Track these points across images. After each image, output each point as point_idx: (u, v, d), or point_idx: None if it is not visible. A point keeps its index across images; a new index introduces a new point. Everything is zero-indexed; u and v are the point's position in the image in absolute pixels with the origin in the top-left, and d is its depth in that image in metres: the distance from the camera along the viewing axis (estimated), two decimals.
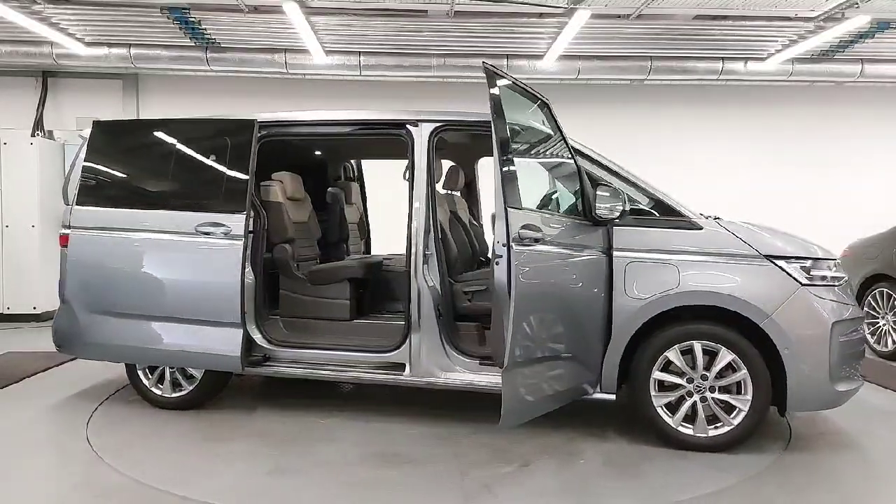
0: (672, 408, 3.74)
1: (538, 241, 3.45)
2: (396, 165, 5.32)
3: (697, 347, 3.67)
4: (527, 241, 3.39)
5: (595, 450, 3.74)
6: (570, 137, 3.92)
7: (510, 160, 3.40)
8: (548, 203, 3.95)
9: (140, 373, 4.46)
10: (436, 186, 4.25)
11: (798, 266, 3.66)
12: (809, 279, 3.65)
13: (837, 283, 3.75)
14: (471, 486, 3.24)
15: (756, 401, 3.61)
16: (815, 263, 3.70)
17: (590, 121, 7.67)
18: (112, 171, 4.62)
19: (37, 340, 6.54)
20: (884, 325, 6.35)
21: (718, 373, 3.66)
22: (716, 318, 3.68)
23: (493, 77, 3.46)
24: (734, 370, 3.64)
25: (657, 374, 3.73)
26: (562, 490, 3.22)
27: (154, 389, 4.45)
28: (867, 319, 6.34)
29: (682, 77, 8.97)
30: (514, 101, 3.69)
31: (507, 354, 3.26)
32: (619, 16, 7.49)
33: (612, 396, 3.85)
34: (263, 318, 4.42)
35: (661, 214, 3.89)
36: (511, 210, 3.32)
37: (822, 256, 3.76)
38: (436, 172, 4.30)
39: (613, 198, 3.67)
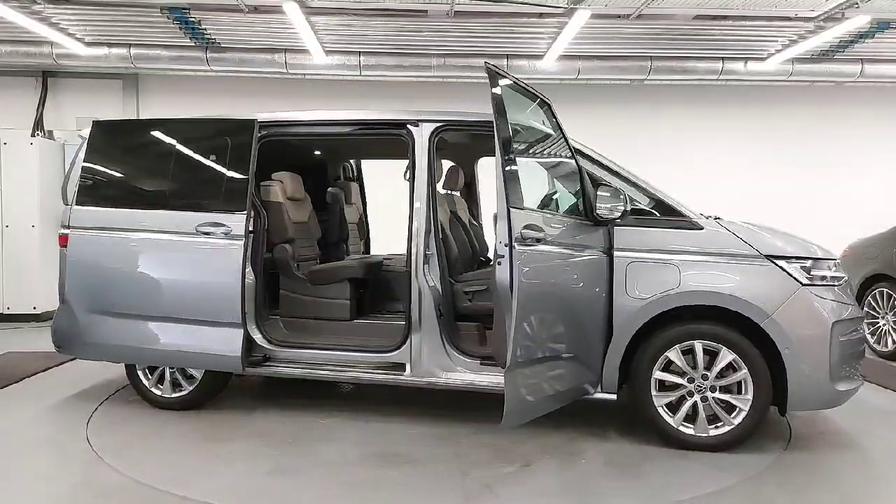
0: (673, 407, 3.74)
1: (540, 241, 3.45)
2: (396, 165, 5.31)
3: (698, 347, 3.67)
4: (529, 241, 3.38)
5: (596, 450, 3.74)
6: (571, 137, 3.92)
7: (512, 160, 3.40)
8: (549, 203, 3.95)
9: (140, 373, 4.46)
10: (436, 186, 4.25)
11: (798, 266, 3.67)
12: (810, 279, 3.65)
13: (837, 283, 3.75)
14: (472, 486, 3.24)
15: (757, 400, 3.62)
16: (816, 263, 3.71)
17: (590, 121, 7.65)
18: (112, 171, 4.62)
19: (37, 340, 6.53)
20: (884, 325, 6.35)
21: (719, 373, 3.67)
22: (716, 318, 3.68)
23: (496, 77, 3.46)
24: (735, 370, 3.65)
25: (658, 374, 3.73)
26: (563, 490, 3.22)
27: (154, 390, 4.45)
28: (867, 319, 6.35)
29: (682, 77, 8.96)
30: (516, 101, 3.69)
31: (510, 354, 3.25)
32: (619, 16, 7.49)
33: (613, 396, 3.84)
34: (264, 319, 4.42)
35: (662, 214, 3.89)
36: (513, 210, 3.32)
37: (823, 256, 3.77)
38: (436, 172, 4.30)
39: (614, 198, 3.67)
